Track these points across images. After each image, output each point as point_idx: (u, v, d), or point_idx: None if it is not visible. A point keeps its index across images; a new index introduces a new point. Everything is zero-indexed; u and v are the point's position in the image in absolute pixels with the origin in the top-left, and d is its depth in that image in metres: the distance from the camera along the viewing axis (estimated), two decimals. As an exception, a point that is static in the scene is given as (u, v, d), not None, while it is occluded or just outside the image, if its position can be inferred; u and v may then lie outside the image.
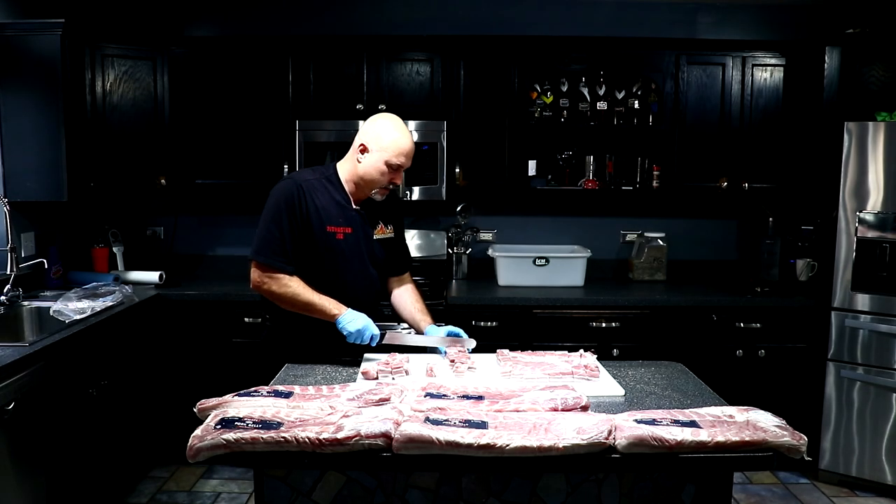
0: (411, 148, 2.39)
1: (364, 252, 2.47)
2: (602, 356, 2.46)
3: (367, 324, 2.33)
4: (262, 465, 1.74)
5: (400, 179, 2.43)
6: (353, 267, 2.45)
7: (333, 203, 2.43)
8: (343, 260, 2.43)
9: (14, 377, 2.41)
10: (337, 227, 2.41)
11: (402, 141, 2.37)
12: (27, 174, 3.45)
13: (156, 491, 3.51)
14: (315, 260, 2.41)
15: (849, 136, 3.53)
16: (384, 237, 2.55)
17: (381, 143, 2.36)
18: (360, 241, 2.46)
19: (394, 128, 2.39)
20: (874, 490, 3.57)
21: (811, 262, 4.01)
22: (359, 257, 2.46)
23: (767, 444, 1.63)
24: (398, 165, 2.37)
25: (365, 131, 2.40)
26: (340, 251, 2.42)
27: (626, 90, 4.04)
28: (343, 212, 2.44)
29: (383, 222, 2.55)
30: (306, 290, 2.36)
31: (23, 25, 3.38)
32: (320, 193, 2.42)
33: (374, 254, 2.51)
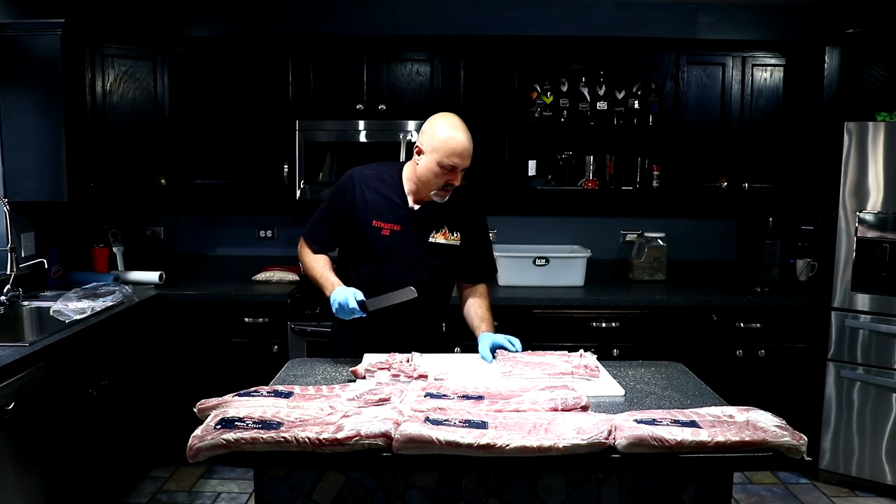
0: (465, 147, 2.32)
1: (412, 252, 2.45)
2: (602, 356, 2.46)
3: (345, 297, 2.30)
4: (262, 465, 1.73)
5: (457, 180, 2.35)
6: (396, 264, 2.45)
7: (386, 199, 2.45)
8: (386, 256, 2.45)
9: (14, 377, 2.41)
10: (384, 223, 2.43)
11: (454, 140, 2.30)
12: (27, 174, 3.45)
13: (156, 491, 3.51)
14: (360, 250, 2.48)
15: (849, 136, 3.53)
16: (446, 242, 2.48)
17: (433, 144, 2.33)
18: (409, 240, 2.44)
19: (445, 127, 2.33)
20: (874, 490, 3.57)
21: (811, 262, 4.01)
22: (405, 257, 2.45)
23: (767, 444, 1.63)
24: (451, 166, 2.31)
25: (421, 132, 2.40)
26: (384, 247, 2.44)
27: (626, 90, 4.04)
28: (395, 209, 2.44)
29: (448, 227, 2.48)
30: (319, 267, 2.47)
31: (23, 25, 3.38)
32: (374, 188, 2.46)
33: (427, 256, 2.47)
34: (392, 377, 2.08)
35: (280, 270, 4.10)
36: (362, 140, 3.88)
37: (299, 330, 3.66)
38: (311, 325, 3.66)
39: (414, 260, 2.46)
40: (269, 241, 4.39)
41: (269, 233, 4.38)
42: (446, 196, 2.41)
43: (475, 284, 2.63)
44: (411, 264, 2.46)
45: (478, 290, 2.63)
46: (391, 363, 2.19)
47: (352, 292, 2.32)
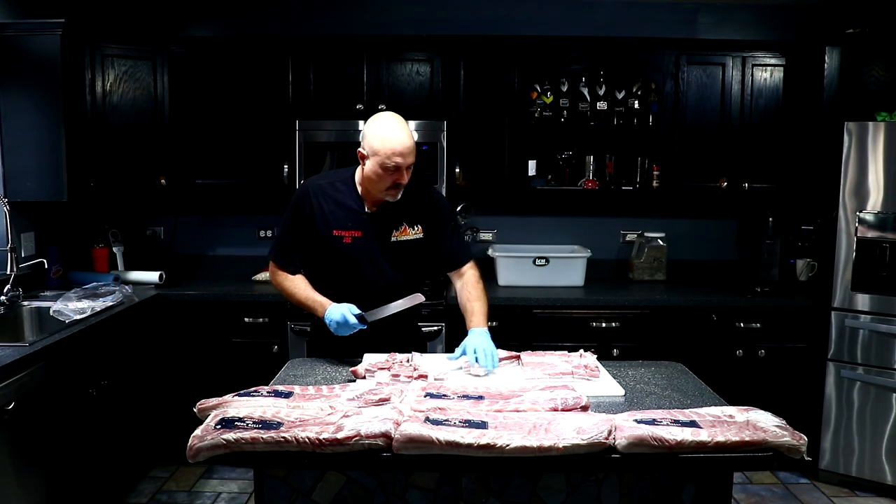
0: (404, 145, 2.29)
1: (377, 254, 2.45)
2: (602, 356, 2.46)
3: (343, 312, 2.31)
4: (262, 465, 1.74)
5: (404, 178, 2.34)
6: (366, 270, 2.45)
7: (343, 207, 2.44)
8: (353, 263, 2.45)
9: (14, 377, 2.41)
10: (344, 231, 2.43)
11: (392, 141, 2.28)
12: (27, 174, 3.45)
13: (156, 491, 3.51)
14: (326, 262, 2.48)
15: (849, 136, 3.53)
16: (409, 238, 2.49)
17: (372, 147, 2.31)
18: (372, 244, 2.45)
19: (382, 128, 2.32)
20: (874, 490, 3.57)
21: (811, 262, 4.01)
22: (371, 260, 2.45)
23: (767, 444, 1.63)
24: (394, 166, 2.29)
25: (362, 136, 2.38)
26: (348, 255, 2.44)
27: (626, 90, 4.04)
28: (353, 216, 2.44)
29: (408, 223, 2.49)
30: (301, 290, 2.46)
31: (23, 25, 3.38)
32: (330, 198, 2.45)
33: (392, 255, 2.47)
34: (392, 377, 2.08)
35: (280, 270, 4.10)
36: (362, 140, 3.87)
37: (299, 330, 3.66)
38: (311, 325, 3.65)
39: (381, 262, 2.46)
40: (269, 241, 4.38)
41: (269, 233, 4.38)
42: (398, 194, 2.40)
43: (457, 269, 2.59)
44: (379, 267, 2.46)
45: (464, 275, 2.57)
46: (391, 363, 2.20)
47: (346, 308, 2.32)
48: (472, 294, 2.51)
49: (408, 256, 2.50)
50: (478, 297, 2.51)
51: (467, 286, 2.54)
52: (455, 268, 2.59)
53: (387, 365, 2.17)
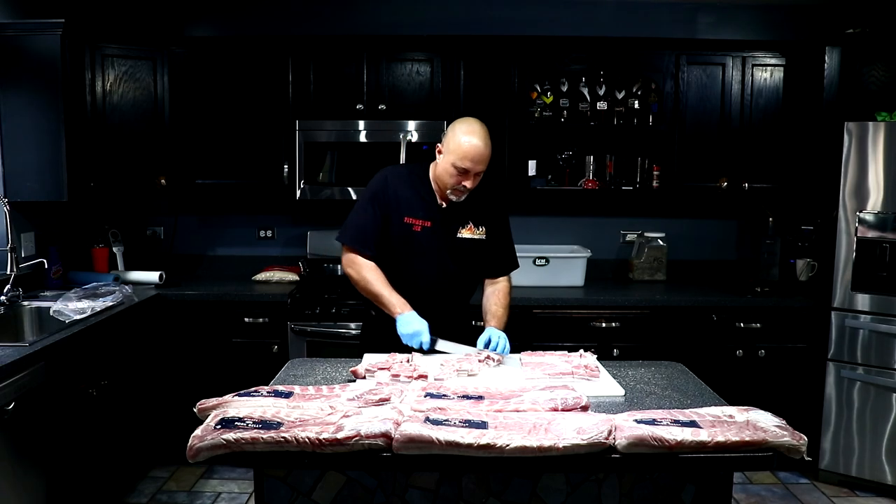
0: (478, 152, 2.40)
1: (443, 247, 2.52)
2: (602, 356, 2.46)
3: (419, 329, 2.37)
4: (262, 465, 1.74)
5: (470, 182, 2.44)
6: (428, 259, 2.52)
7: (416, 196, 2.53)
8: (419, 251, 2.51)
9: (14, 377, 2.41)
10: (415, 220, 2.51)
11: (468, 145, 2.39)
12: (27, 174, 3.45)
13: (156, 491, 3.51)
14: (393, 248, 2.53)
15: (849, 136, 3.53)
16: (472, 237, 2.57)
17: (449, 146, 2.43)
18: (439, 235, 2.52)
19: (463, 131, 2.42)
20: (874, 490, 3.57)
21: (811, 262, 4.01)
22: (436, 251, 2.52)
23: (767, 444, 1.63)
24: (464, 169, 2.40)
25: (444, 133, 2.49)
26: (417, 242, 2.51)
27: (626, 90, 4.04)
28: (425, 206, 2.52)
29: (473, 223, 2.57)
30: (378, 282, 2.48)
31: (23, 25, 3.38)
32: (406, 186, 2.54)
33: (455, 250, 2.55)
34: (392, 377, 2.08)
35: (280, 270, 4.10)
36: (362, 140, 3.88)
37: (299, 330, 3.66)
38: (311, 325, 3.66)
39: (444, 255, 2.53)
40: (269, 241, 4.39)
41: (269, 233, 4.38)
42: (461, 196, 2.49)
43: (497, 278, 2.68)
44: (442, 259, 2.53)
45: (498, 284, 2.68)
46: (391, 363, 2.19)
47: (425, 326, 2.38)
48: (500, 301, 2.63)
49: (468, 255, 2.58)
50: (504, 305, 2.63)
51: (498, 293, 2.65)
52: (501, 275, 2.69)
53: (387, 365, 2.17)
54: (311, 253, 4.20)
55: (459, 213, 2.55)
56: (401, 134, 3.84)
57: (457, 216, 2.55)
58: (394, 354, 2.28)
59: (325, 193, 3.91)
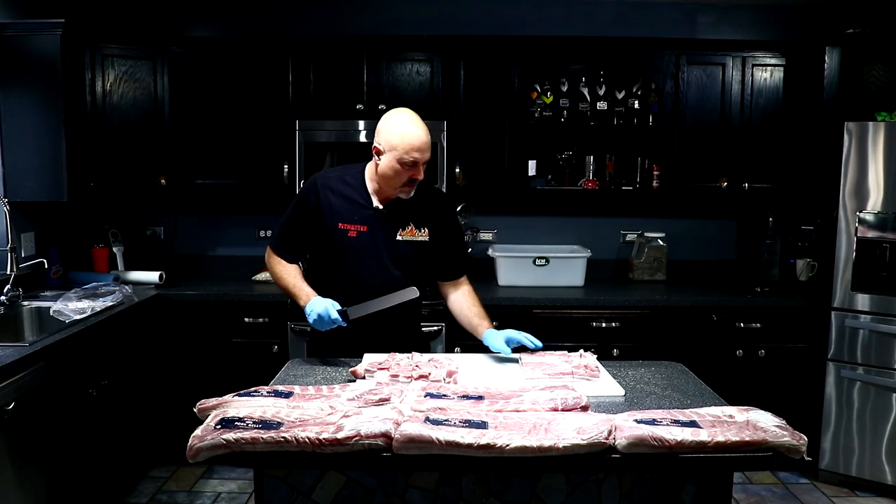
0: (423, 140, 2.32)
1: (382, 252, 2.45)
2: (602, 356, 2.46)
3: (324, 308, 2.30)
4: (262, 465, 1.73)
5: (420, 174, 2.35)
6: (368, 265, 2.45)
7: (350, 201, 2.46)
8: (355, 257, 2.45)
9: (14, 377, 2.41)
10: (350, 225, 2.44)
11: (411, 136, 2.31)
12: (27, 174, 3.45)
13: (156, 491, 3.51)
14: (329, 254, 2.48)
15: (849, 136, 3.53)
16: (413, 239, 2.48)
17: (390, 142, 2.33)
18: (376, 239, 2.45)
19: (401, 123, 2.35)
20: (874, 490, 3.57)
21: (811, 262, 4.01)
22: (375, 256, 2.45)
23: (767, 444, 1.63)
24: (412, 161, 2.31)
25: (377, 132, 2.40)
26: (352, 248, 2.44)
27: (626, 90, 4.04)
28: (360, 210, 2.45)
29: (415, 224, 2.48)
30: (288, 276, 2.48)
31: (23, 25, 3.38)
32: (337, 191, 2.47)
33: (396, 254, 2.46)
34: (392, 377, 2.08)
35: (280, 270, 4.09)
36: (362, 140, 3.88)
37: (299, 330, 3.66)
38: (310, 326, 3.65)
39: (384, 259, 2.45)
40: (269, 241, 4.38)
41: (268, 233, 4.37)
42: (412, 191, 2.42)
43: (454, 280, 2.60)
44: (381, 264, 2.45)
45: (461, 286, 2.60)
46: (391, 363, 2.19)
47: (329, 302, 2.32)
48: (475, 302, 2.58)
49: (411, 258, 2.50)
50: (480, 304, 2.59)
51: (468, 297, 2.59)
52: (455, 278, 2.60)
53: (386, 365, 2.17)
54: (311, 253, 4.20)
55: (399, 215, 2.46)
56: (401, 134, 3.83)
57: (396, 218, 2.46)
58: (393, 355, 2.28)
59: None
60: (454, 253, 2.60)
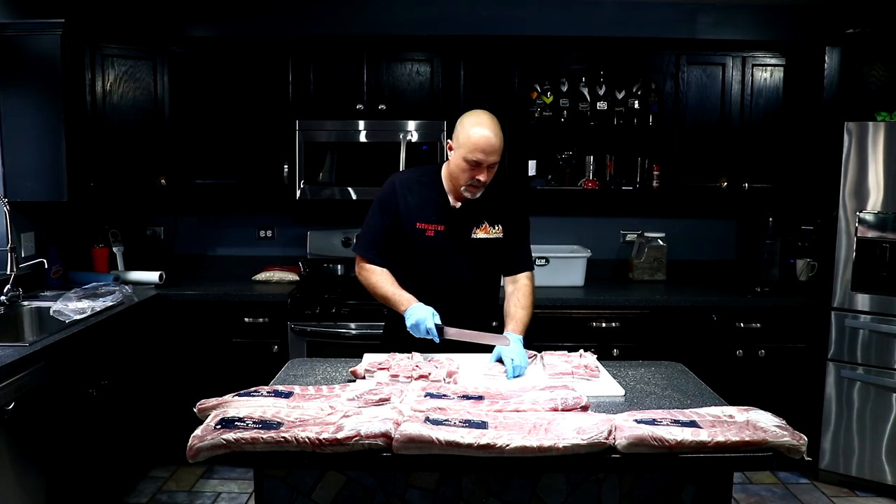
0: (488, 143, 2.34)
1: (458, 249, 2.49)
2: (602, 356, 2.46)
3: (423, 317, 2.32)
4: (262, 465, 1.74)
5: (484, 175, 2.38)
6: (445, 263, 2.48)
7: (427, 201, 2.49)
8: (433, 256, 2.48)
9: (14, 377, 2.41)
10: (427, 224, 2.48)
11: (477, 135, 2.34)
12: (27, 174, 3.45)
13: (156, 491, 3.51)
14: (407, 254, 2.51)
15: (849, 136, 3.53)
16: (488, 237, 2.52)
17: (459, 140, 2.39)
18: (453, 238, 2.48)
19: (471, 123, 2.38)
20: (874, 490, 3.57)
21: (811, 262, 4.01)
22: (451, 254, 2.48)
23: (767, 444, 1.63)
24: (476, 161, 2.34)
25: (454, 129, 2.45)
26: (430, 247, 2.48)
27: (626, 90, 4.04)
28: (437, 209, 2.49)
29: (489, 221, 2.52)
30: (386, 284, 2.47)
31: (23, 25, 3.38)
32: (415, 191, 2.50)
33: (471, 252, 2.50)
34: (392, 377, 2.08)
35: (280, 270, 4.10)
36: (362, 140, 3.88)
37: (299, 330, 3.66)
38: (311, 325, 3.66)
39: (459, 258, 2.49)
40: (269, 241, 4.39)
41: (269, 233, 4.38)
42: (477, 192, 2.44)
43: (514, 275, 2.62)
44: (457, 263, 2.49)
45: (519, 282, 2.60)
46: (391, 363, 2.19)
47: (430, 311, 2.34)
48: (520, 302, 2.56)
49: (485, 255, 2.54)
50: (525, 306, 2.55)
51: (518, 293, 2.58)
52: (518, 272, 2.62)
53: (386, 365, 2.17)
54: (311, 253, 4.20)
55: (474, 214, 2.51)
56: (401, 134, 3.84)
57: (471, 217, 2.50)
58: (393, 354, 2.28)
59: (326, 193, 3.91)
60: (519, 248, 2.63)
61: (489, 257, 2.55)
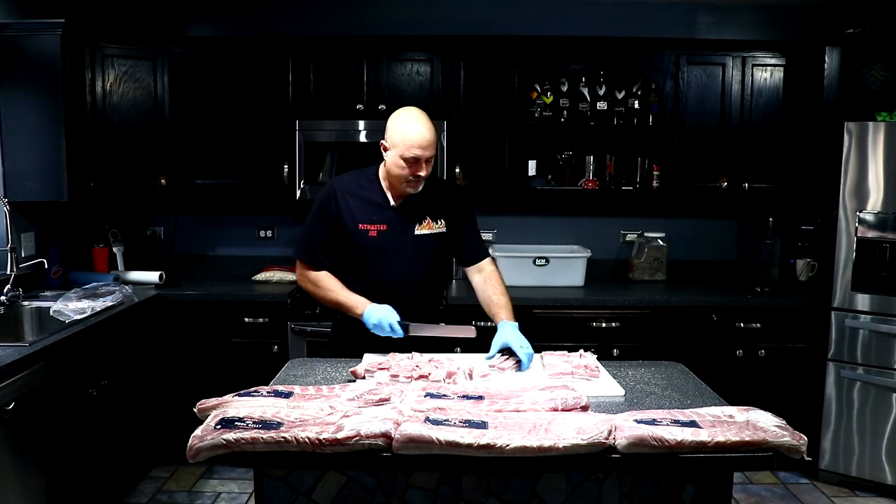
0: (424, 138, 2.35)
1: (403, 247, 2.49)
2: (602, 356, 2.46)
3: (385, 314, 2.34)
4: (262, 465, 1.74)
5: (423, 170, 2.39)
6: (392, 263, 2.48)
7: (368, 202, 2.49)
8: (379, 257, 2.48)
9: (14, 377, 2.41)
10: (370, 225, 2.47)
11: (411, 133, 2.35)
12: (27, 174, 3.45)
13: (156, 491, 3.51)
14: (353, 257, 2.51)
15: (849, 136, 3.53)
16: (432, 232, 2.53)
17: (393, 139, 2.39)
18: (397, 237, 2.48)
19: (403, 121, 2.39)
20: (874, 490, 3.57)
21: (811, 262, 4.01)
22: (396, 254, 2.49)
23: (767, 444, 1.63)
24: (413, 158, 2.35)
25: (385, 130, 2.45)
26: (375, 248, 2.48)
27: (626, 90, 4.04)
28: (378, 210, 2.49)
29: (431, 217, 2.53)
30: (335, 290, 2.48)
31: (23, 25, 3.38)
32: (355, 194, 2.50)
33: (417, 249, 2.51)
34: (391, 377, 2.08)
35: (280, 270, 4.10)
36: (362, 140, 3.88)
37: (299, 330, 3.66)
38: (311, 325, 3.66)
39: (405, 256, 2.49)
40: (269, 241, 4.39)
41: (269, 233, 4.38)
42: (418, 187, 2.45)
43: (476, 263, 2.63)
44: (404, 260, 2.49)
45: (484, 270, 2.62)
46: (391, 363, 2.19)
47: (387, 309, 2.35)
48: (497, 289, 2.56)
49: (431, 250, 2.54)
50: (502, 292, 2.56)
51: (490, 281, 2.58)
52: (476, 262, 2.63)
53: (386, 365, 2.17)
54: (311, 253, 4.20)
55: (414, 211, 2.51)
56: (401, 134, 3.83)
57: (412, 214, 2.50)
58: (393, 354, 2.28)
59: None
60: (470, 238, 2.63)
61: (434, 253, 2.55)
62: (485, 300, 2.58)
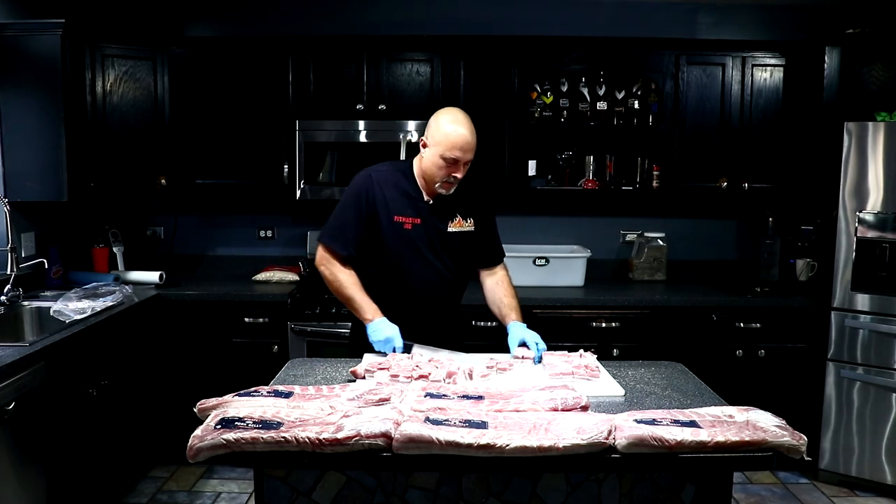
0: (466, 140, 2.36)
1: (434, 243, 2.49)
2: (602, 356, 2.46)
3: (391, 335, 2.35)
4: (262, 465, 1.74)
5: (460, 172, 2.40)
6: (422, 257, 2.49)
7: (403, 195, 2.49)
8: (411, 249, 2.48)
9: (14, 377, 2.41)
10: (405, 218, 2.47)
11: (454, 134, 2.35)
12: (27, 174, 3.45)
13: (156, 491, 3.51)
14: (384, 249, 2.49)
15: (849, 136, 3.53)
16: (461, 230, 2.54)
17: (435, 138, 2.39)
18: (429, 232, 2.49)
19: (447, 121, 2.39)
20: (874, 490, 3.57)
21: (811, 262, 4.01)
22: (428, 247, 2.49)
23: (767, 444, 1.63)
24: (453, 159, 2.36)
25: (427, 126, 2.46)
26: (408, 240, 2.48)
27: (626, 90, 4.04)
28: (413, 203, 2.49)
29: (461, 215, 2.54)
30: (352, 286, 2.46)
31: (23, 25, 3.38)
32: (391, 185, 2.50)
33: (447, 245, 2.52)
34: (392, 377, 2.08)
35: (280, 270, 4.10)
36: (362, 140, 3.88)
37: (299, 330, 3.66)
38: (311, 325, 3.66)
39: (436, 251, 2.50)
40: (269, 241, 4.39)
41: (269, 233, 4.38)
42: (451, 189, 2.45)
43: (492, 267, 2.66)
44: (434, 255, 2.50)
45: (497, 273, 2.65)
46: (391, 363, 2.19)
47: (395, 330, 2.36)
48: (508, 291, 2.61)
49: (460, 248, 2.55)
50: (513, 294, 2.61)
51: (501, 284, 2.62)
52: (493, 265, 2.66)
53: (386, 365, 2.17)
54: (311, 253, 4.20)
55: (446, 208, 2.51)
56: (401, 134, 3.84)
57: (444, 211, 2.51)
58: (394, 354, 2.28)
59: (326, 193, 3.92)
60: (493, 241, 2.67)
61: (462, 251, 2.57)
62: (495, 301, 2.61)
